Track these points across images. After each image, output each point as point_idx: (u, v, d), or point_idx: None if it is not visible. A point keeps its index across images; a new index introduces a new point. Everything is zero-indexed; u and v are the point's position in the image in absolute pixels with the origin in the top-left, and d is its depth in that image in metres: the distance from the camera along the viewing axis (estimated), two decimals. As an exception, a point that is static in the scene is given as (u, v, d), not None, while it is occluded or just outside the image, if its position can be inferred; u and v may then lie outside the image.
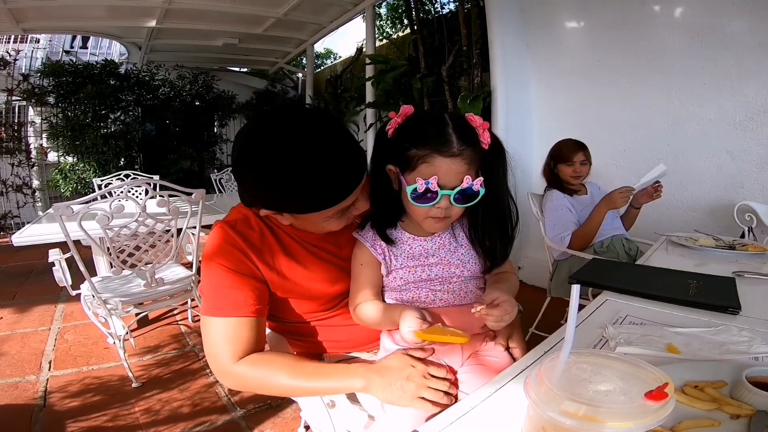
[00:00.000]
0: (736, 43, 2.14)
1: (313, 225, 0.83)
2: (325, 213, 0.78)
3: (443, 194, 0.77)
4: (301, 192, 0.73)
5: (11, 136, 5.87)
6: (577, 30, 2.87)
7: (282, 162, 0.70)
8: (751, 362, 0.67)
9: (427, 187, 0.76)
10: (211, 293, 0.83)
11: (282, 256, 0.87)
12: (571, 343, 0.50)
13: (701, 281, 1.04)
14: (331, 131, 0.75)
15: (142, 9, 4.49)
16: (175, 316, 2.72)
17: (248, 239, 0.85)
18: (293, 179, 0.71)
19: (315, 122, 0.75)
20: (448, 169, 0.76)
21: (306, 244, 0.91)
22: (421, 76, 3.76)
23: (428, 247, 0.89)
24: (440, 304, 0.89)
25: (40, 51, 6.89)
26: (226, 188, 4.59)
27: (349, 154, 0.75)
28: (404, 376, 0.75)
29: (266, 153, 0.71)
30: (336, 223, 0.83)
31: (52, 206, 2.08)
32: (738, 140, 2.20)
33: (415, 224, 0.88)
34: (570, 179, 2.00)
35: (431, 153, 0.76)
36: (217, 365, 0.83)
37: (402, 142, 0.80)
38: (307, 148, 0.71)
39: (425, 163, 0.77)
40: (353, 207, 0.83)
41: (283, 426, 1.65)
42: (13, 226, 5.69)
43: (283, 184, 0.72)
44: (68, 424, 1.66)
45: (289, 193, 0.73)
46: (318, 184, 0.73)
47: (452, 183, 0.77)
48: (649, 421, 0.42)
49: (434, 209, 0.79)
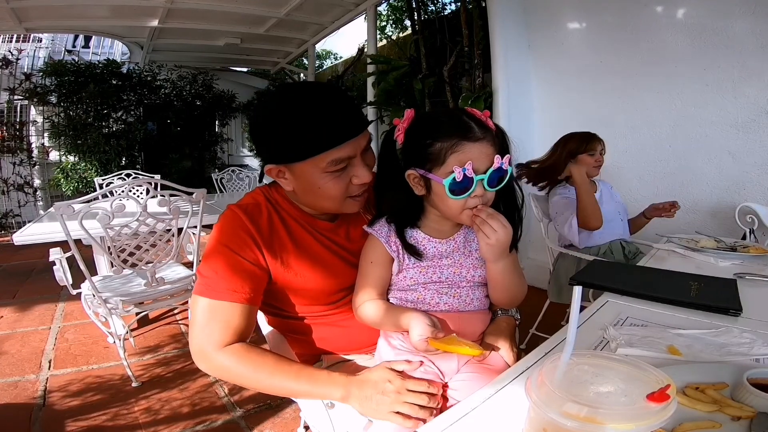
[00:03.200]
0: (738, 44, 2.14)
1: (312, 188, 0.84)
2: (319, 164, 0.80)
3: (478, 179, 0.77)
4: (293, 135, 0.79)
5: (13, 135, 5.87)
6: (579, 31, 2.86)
7: (277, 111, 0.80)
8: (753, 364, 0.67)
9: (464, 174, 0.75)
10: (210, 273, 0.83)
11: (289, 244, 0.88)
12: (572, 344, 0.49)
13: (702, 283, 1.03)
14: (324, 89, 0.83)
15: (145, 8, 4.50)
16: (175, 316, 2.72)
17: (257, 223, 0.87)
18: (285, 124, 0.79)
19: (310, 84, 0.88)
20: (479, 153, 0.77)
21: (316, 233, 0.92)
22: (423, 76, 3.76)
23: (443, 249, 0.88)
24: (444, 308, 0.88)
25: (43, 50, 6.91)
26: (227, 188, 4.59)
27: (339, 106, 0.80)
28: (380, 390, 0.76)
29: (267, 108, 0.83)
30: (333, 185, 0.83)
31: (53, 205, 2.08)
32: (740, 142, 2.20)
33: (435, 222, 0.88)
34: (592, 170, 1.93)
35: (459, 141, 0.76)
36: (198, 346, 0.82)
37: (419, 142, 0.80)
38: (299, 99, 0.80)
39: (455, 152, 0.77)
40: (352, 172, 0.83)
41: (282, 426, 1.65)
42: (15, 225, 5.70)
43: (277, 129, 0.80)
44: (68, 423, 1.66)
45: (283, 138, 0.80)
46: (307, 127, 0.78)
47: (484, 166, 0.77)
48: (651, 422, 0.42)
49: (470, 199, 0.79)
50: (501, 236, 0.78)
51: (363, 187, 0.86)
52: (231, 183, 4.64)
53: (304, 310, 0.95)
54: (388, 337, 0.91)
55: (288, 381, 0.80)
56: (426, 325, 0.79)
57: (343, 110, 0.80)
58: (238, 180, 4.66)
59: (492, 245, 0.79)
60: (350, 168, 0.83)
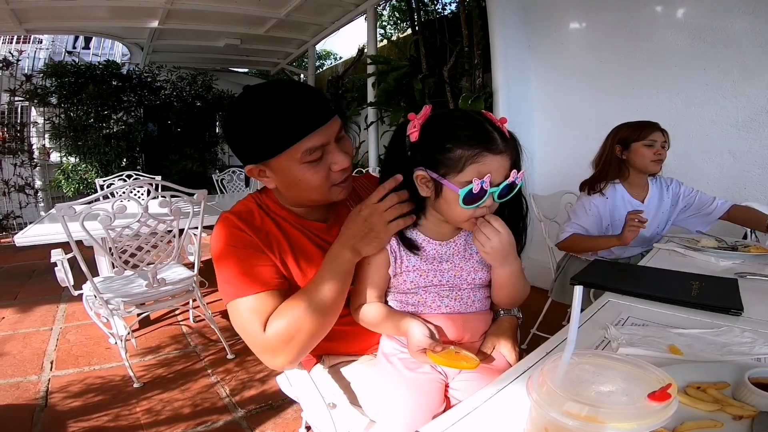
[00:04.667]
0: (738, 44, 2.14)
1: (294, 181, 0.84)
2: (294, 155, 0.81)
3: (490, 192, 0.76)
4: (263, 131, 0.80)
5: (14, 136, 5.88)
6: (579, 31, 2.86)
7: (245, 112, 0.82)
8: (754, 363, 0.67)
9: (482, 187, 0.74)
10: (229, 277, 0.84)
11: (286, 246, 0.88)
12: (573, 344, 0.50)
13: (703, 282, 1.03)
14: (285, 84, 0.86)
15: (145, 10, 4.50)
16: (176, 317, 2.72)
17: (253, 227, 0.87)
18: (254, 122, 0.80)
19: (272, 82, 0.88)
20: (499, 166, 0.75)
21: (311, 235, 0.92)
22: (423, 76, 3.76)
23: (443, 251, 0.87)
24: (445, 310, 0.87)
25: (43, 51, 6.92)
26: (228, 189, 4.60)
27: (303, 97, 0.81)
28: (360, 224, 0.81)
29: (235, 111, 0.84)
30: (313, 175, 0.83)
31: (54, 207, 2.09)
32: (740, 141, 2.20)
33: (434, 224, 0.86)
34: (649, 164, 1.63)
35: (481, 152, 0.74)
36: (253, 343, 0.82)
37: (435, 144, 0.77)
38: (263, 97, 0.81)
39: (475, 163, 0.74)
40: (330, 159, 0.83)
41: (284, 426, 1.65)
42: (16, 226, 5.70)
43: (247, 129, 0.82)
44: (69, 424, 1.66)
45: (254, 136, 0.81)
46: (275, 121, 0.79)
47: (500, 179, 0.76)
48: (652, 422, 0.42)
49: (479, 210, 0.78)
50: (495, 243, 0.78)
51: (344, 173, 0.86)
52: (231, 184, 4.65)
53: None
54: (390, 336, 0.91)
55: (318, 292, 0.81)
56: (424, 337, 0.79)
57: (307, 100, 0.81)
58: (238, 181, 4.67)
59: (488, 253, 0.80)
60: (327, 156, 0.83)
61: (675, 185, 1.79)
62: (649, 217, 1.65)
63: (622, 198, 1.73)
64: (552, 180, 2.78)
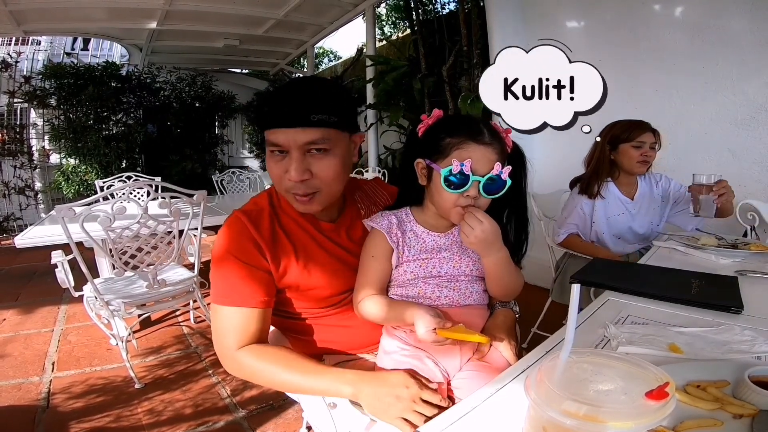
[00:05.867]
0: (737, 41, 2.14)
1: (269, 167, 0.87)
2: (267, 137, 0.84)
3: (474, 180, 0.80)
4: (262, 105, 0.86)
5: (13, 138, 5.88)
6: (578, 29, 2.86)
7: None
8: (754, 362, 0.67)
9: (461, 169, 0.79)
10: (221, 282, 0.86)
11: (291, 249, 0.89)
12: (571, 342, 0.50)
13: (703, 280, 1.03)
14: (305, 78, 0.93)
15: (143, 11, 4.51)
16: (177, 318, 2.72)
17: (260, 229, 0.88)
18: (265, 95, 0.88)
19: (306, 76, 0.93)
20: (481, 156, 0.81)
21: (318, 235, 0.93)
22: (422, 76, 3.76)
23: (441, 242, 0.91)
24: (445, 301, 0.89)
25: (42, 53, 6.91)
26: (228, 189, 4.59)
27: (291, 94, 0.82)
28: (395, 394, 0.76)
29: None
30: (272, 165, 0.85)
31: (54, 208, 2.09)
32: (739, 139, 2.20)
33: (432, 218, 0.91)
34: (635, 166, 1.64)
35: (465, 140, 0.82)
36: (220, 349, 0.87)
37: (434, 136, 0.86)
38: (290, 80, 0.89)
39: (459, 149, 0.82)
40: (287, 165, 0.82)
41: (285, 427, 1.65)
42: (16, 228, 5.70)
43: (261, 98, 0.89)
44: (71, 425, 1.66)
45: (259, 106, 0.90)
46: (267, 102, 0.84)
47: (483, 170, 0.81)
48: (650, 420, 0.42)
49: (462, 198, 0.82)
50: (478, 232, 0.81)
51: (295, 185, 0.83)
52: (231, 184, 4.63)
53: (306, 311, 0.95)
54: (391, 334, 0.91)
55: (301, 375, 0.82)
56: (431, 316, 0.80)
57: (290, 99, 0.81)
58: (238, 181, 4.66)
59: (472, 242, 0.83)
60: (288, 159, 0.83)
61: (664, 181, 1.80)
62: (640, 214, 1.71)
63: (613, 195, 1.76)
64: (552, 178, 2.78)
